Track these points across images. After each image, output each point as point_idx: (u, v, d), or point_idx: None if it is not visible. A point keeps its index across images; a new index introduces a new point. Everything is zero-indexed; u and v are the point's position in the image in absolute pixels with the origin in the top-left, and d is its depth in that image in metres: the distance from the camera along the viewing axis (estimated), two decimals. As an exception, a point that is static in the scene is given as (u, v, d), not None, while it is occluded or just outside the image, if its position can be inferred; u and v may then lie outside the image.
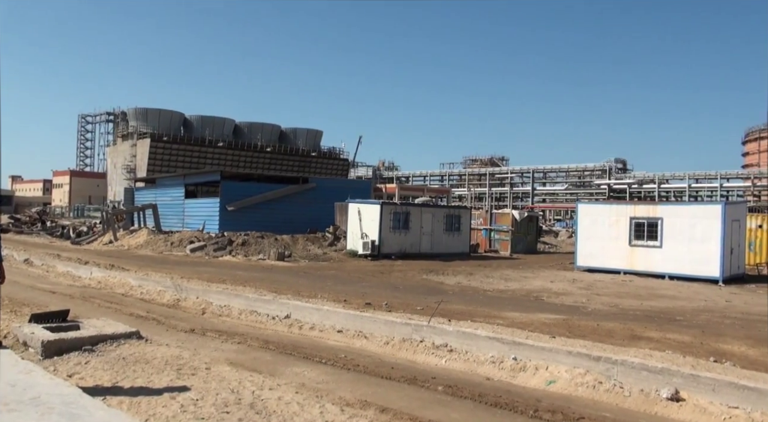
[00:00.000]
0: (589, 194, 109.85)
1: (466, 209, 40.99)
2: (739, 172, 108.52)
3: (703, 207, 29.25)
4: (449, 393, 8.38)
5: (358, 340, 11.91)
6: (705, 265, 23.63)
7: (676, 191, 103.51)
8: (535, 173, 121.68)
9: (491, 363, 9.99)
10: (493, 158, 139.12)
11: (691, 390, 8.36)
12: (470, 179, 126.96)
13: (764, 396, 7.87)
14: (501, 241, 38.75)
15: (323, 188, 45.40)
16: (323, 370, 9.32)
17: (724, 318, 15.06)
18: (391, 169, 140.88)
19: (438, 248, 32.86)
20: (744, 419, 7.74)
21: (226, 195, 40.59)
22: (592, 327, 12.51)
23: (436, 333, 11.12)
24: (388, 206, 32.41)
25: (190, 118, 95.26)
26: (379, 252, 30.00)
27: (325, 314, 13.18)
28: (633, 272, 25.03)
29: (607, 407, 8.32)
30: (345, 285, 18.78)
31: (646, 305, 16.85)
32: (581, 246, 27.05)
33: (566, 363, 9.45)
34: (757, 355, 10.45)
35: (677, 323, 13.88)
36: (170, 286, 17.66)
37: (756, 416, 7.71)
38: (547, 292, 19.03)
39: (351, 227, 31.73)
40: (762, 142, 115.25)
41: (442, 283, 20.80)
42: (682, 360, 9.50)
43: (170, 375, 8.12)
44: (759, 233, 30.84)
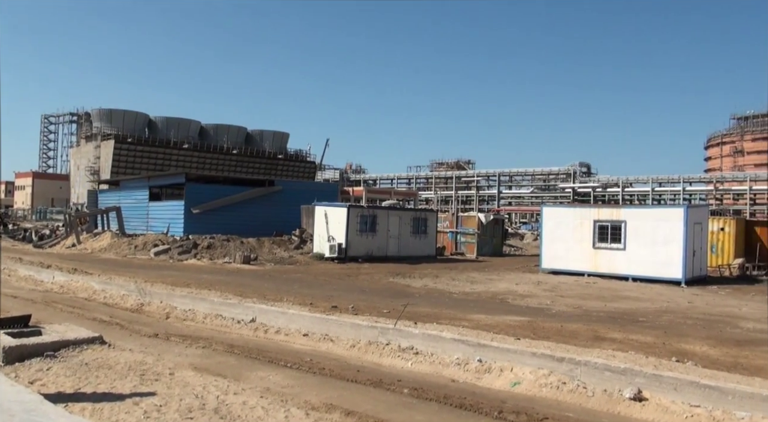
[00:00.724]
0: (554, 198, 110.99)
1: (433, 212, 41.13)
2: (702, 176, 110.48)
3: (666, 210, 29.76)
4: (415, 395, 8.41)
5: (324, 343, 11.88)
6: (668, 267, 23.98)
7: (640, 194, 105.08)
8: (501, 176, 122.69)
9: (457, 365, 10.04)
10: (460, 161, 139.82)
11: (654, 390, 8.48)
12: (437, 182, 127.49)
13: (725, 395, 8.02)
14: (467, 244, 38.90)
15: (290, 190, 45.17)
16: (288, 374, 9.29)
17: (687, 318, 15.31)
18: (359, 172, 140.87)
19: (405, 251, 32.89)
20: (706, 417, 7.88)
21: (191, 198, 40.17)
22: (556, 328, 12.63)
23: (402, 336, 11.15)
24: (355, 209, 32.38)
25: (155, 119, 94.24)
26: (346, 255, 29.94)
27: (290, 318, 13.13)
28: (597, 274, 25.31)
29: (571, 407, 8.41)
30: (311, 288, 18.72)
31: (609, 306, 17.06)
32: (546, 249, 27.29)
33: (531, 365, 9.53)
34: (719, 355, 10.64)
35: (640, 324, 14.07)
36: (134, 290, 17.45)
37: (717, 414, 7.85)
38: (513, 294, 19.16)
39: (318, 230, 31.62)
40: (724, 147, 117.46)
41: (408, 286, 20.83)
42: (645, 360, 9.64)
43: (133, 381, 8.01)
44: (721, 236, 31.40)
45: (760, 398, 7.86)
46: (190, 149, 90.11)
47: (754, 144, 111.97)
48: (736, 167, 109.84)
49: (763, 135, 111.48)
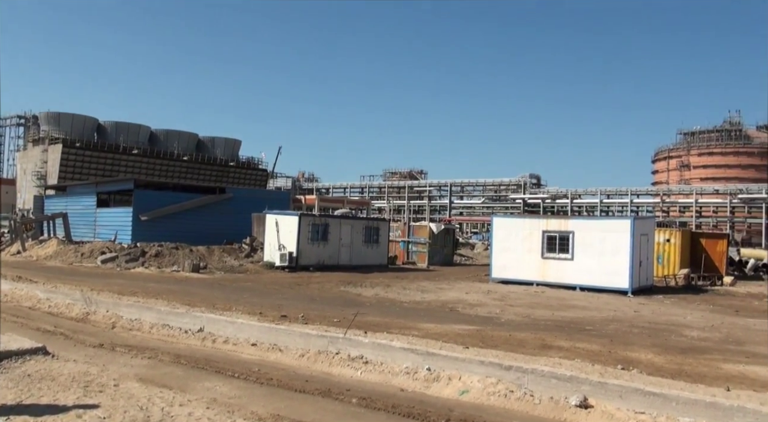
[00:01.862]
0: (504, 208, 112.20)
1: (385, 221, 41.21)
2: (649, 189, 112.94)
3: (613, 222, 30.33)
4: (363, 404, 8.38)
5: (273, 353, 11.77)
6: (615, 277, 24.44)
7: (589, 206, 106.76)
8: (453, 186, 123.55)
9: (406, 374, 10.04)
10: (413, 171, 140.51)
11: (600, 397, 8.61)
12: (390, 191, 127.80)
13: (669, 401, 8.19)
14: (419, 253, 39.08)
15: (241, 198, 44.79)
16: (236, 385, 9.17)
17: (632, 327, 15.61)
18: (311, 180, 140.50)
19: (357, 260, 32.87)
20: (650, 423, 8.03)
21: (139, 204, 39.50)
22: (504, 337, 12.74)
23: (352, 345, 11.11)
24: (307, 218, 32.27)
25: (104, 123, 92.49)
26: (297, 264, 29.78)
27: (239, 327, 12.99)
28: (546, 283, 25.64)
29: (518, 415, 8.48)
30: (261, 297, 18.56)
31: (557, 315, 17.29)
32: (496, 258, 27.55)
33: (479, 373, 9.58)
34: (663, 362, 10.86)
35: (587, 332, 14.29)
36: (80, 299, 17.07)
37: (661, 420, 8.00)
38: (462, 303, 19.28)
39: (268, 239, 31.40)
40: (671, 161, 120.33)
41: (359, 295, 20.81)
42: (591, 368, 9.79)
43: (77, 393, 7.84)
44: (667, 247, 32.15)
45: (704, 404, 8.04)
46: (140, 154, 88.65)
47: (699, 159, 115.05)
48: (682, 181, 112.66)
49: (709, 150, 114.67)
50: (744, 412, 7.81)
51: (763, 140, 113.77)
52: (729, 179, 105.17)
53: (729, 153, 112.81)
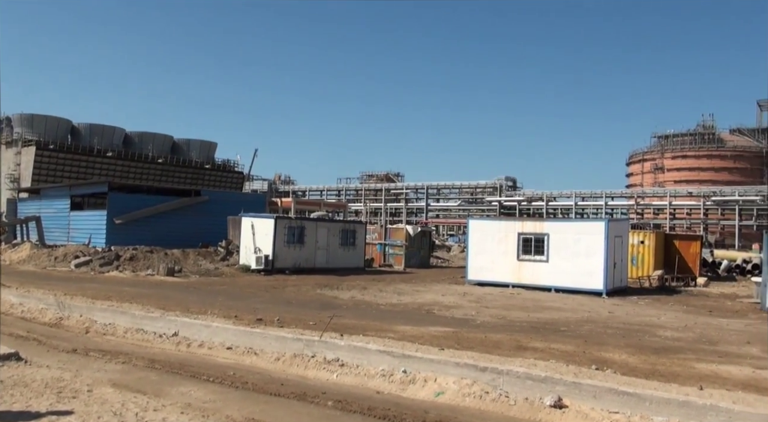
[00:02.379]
0: (480, 211, 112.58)
1: (362, 223, 41.20)
2: (623, 191, 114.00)
3: (588, 224, 30.59)
4: (339, 407, 8.37)
5: (248, 357, 11.72)
6: (589, 278, 24.63)
7: (564, 208, 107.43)
8: (430, 189, 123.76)
9: (382, 377, 10.04)
10: (390, 174, 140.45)
11: (574, 397, 8.69)
12: (367, 194, 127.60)
13: (643, 401, 8.29)
14: (395, 255, 39.13)
15: (216, 201, 44.49)
16: (211, 389, 9.13)
17: (607, 328, 15.74)
18: (288, 183, 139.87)
19: (333, 263, 32.83)
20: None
21: (114, 207, 39.09)
22: (480, 338, 12.78)
23: (328, 348, 11.09)
24: (283, 221, 32.17)
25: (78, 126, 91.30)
26: (273, 267, 29.69)
27: (214, 331, 12.91)
28: (521, 285, 25.77)
29: (493, 416, 8.51)
30: (236, 301, 18.47)
31: (532, 316, 17.38)
32: (472, 261, 27.66)
33: (454, 375, 9.62)
34: (637, 362, 10.96)
35: (562, 333, 14.38)
36: (53, 304, 16.88)
37: (635, 420, 8.10)
38: (439, 305, 19.32)
39: (244, 242, 31.26)
40: (645, 164, 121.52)
41: (336, 297, 20.78)
42: (566, 368, 9.86)
43: (50, 399, 7.77)
44: (641, 249, 32.49)
45: (677, 403, 8.15)
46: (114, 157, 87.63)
47: (673, 162, 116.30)
48: (656, 183, 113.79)
49: (683, 153, 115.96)
50: (717, 411, 7.91)
51: (735, 144, 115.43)
52: (702, 182, 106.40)
53: (702, 156, 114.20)
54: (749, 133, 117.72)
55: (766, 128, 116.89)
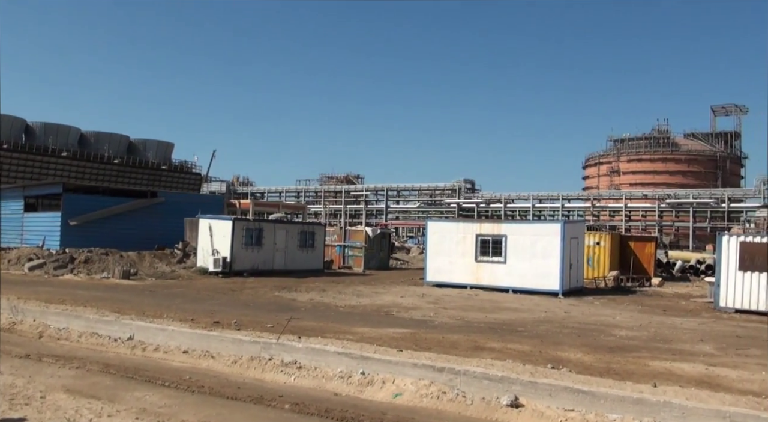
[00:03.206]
0: (440, 212, 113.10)
1: (321, 225, 41.11)
2: (580, 194, 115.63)
3: (544, 225, 30.95)
4: (296, 410, 8.33)
5: (205, 360, 11.60)
6: (546, 279, 24.93)
7: (522, 210, 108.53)
8: (389, 191, 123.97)
9: (340, 378, 10.03)
10: (349, 175, 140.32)
11: (530, 396, 8.79)
12: (326, 195, 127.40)
13: (598, 399, 8.43)
14: (354, 257, 39.12)
15: (173, 202, 43.94)
16: (166, 393, 9.01)
17: (563, 327, 15.94)
18: (246, 184, 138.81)
19: (292, 265, 32.69)
20: (579, 421, 8.23)
21: (68, 209, 38.33)
22: (438, 339, 12.83)
23: (286, 351, 11.03)
24: (241, 222, 31.93)
25: (32, 125, 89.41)
26: (231, 269, 29.45)
27: (170, 335, 12.75)
28: (479, 286, 25.96)
29: (451, 416, 8.55)
30: (193, 304, 18.27)
31: (490, 317, 17.52)
32: (431, 262, 27.78)
33: (412, 375, 9.64)
34: (592, 361, 11.13)
35: (519, 333, 14.52)
36: (5, 308, 16.46)
37: (590, 417, 8.22)
38: (397, 307, 19.36)
39: (201, 244, 30.95)
40: (601, 167, 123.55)
41: (294, 300, 20.69)
42: (522, 368, 9.96)
43: (2, 406, 7.67)
44: (597, 250, 32.97)
45: (631, 401, 8.30)
46: (70, 157, 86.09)
47: (629, 165, 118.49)
48: (612, 186, 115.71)
49: (638, 157, 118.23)
50: (670, 407, 8.08)
51: (690, 148, 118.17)
52: (657, 185, 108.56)
53: (657, 160, 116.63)
54: (703, 137, 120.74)
55: (720, 133, 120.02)
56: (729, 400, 8.59)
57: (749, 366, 11.40)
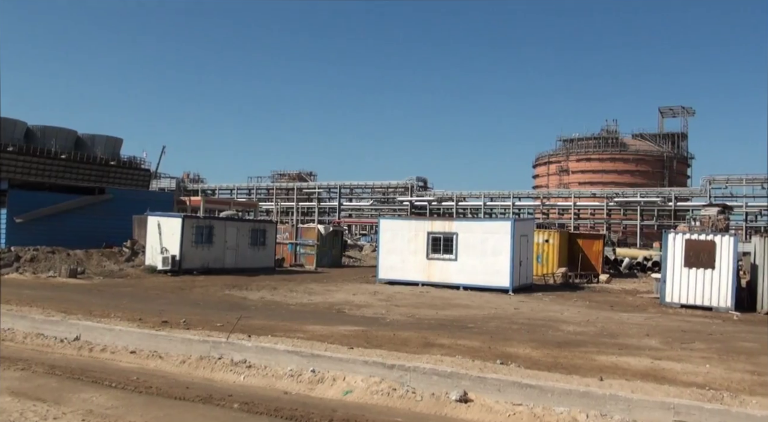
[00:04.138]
0: (392, 210, 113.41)
1: (272, 223, 40.86)
2: (530, 192, 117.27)
3: (495, 223, 31.33)
4: (245, 410, 8.28)
5: (153, 360, 11.45)
6: (496, 276, 25.23)
7: (473, 208, 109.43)
8: (342, 188, 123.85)
9: (290, 377, 10.01)
10: (302, 173, 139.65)
11: (479, 391, 8.91)
12: (278, 193, 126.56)
13: (545, 393, 8.60)
14: (306, 255, 38.98)
15: (122, 199, 43.24)
16: (114, 395, 8.88)
17: (512, 323, 16.16)
18: (197, 181, 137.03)
19: (243, 263, 32.42)
20: (527, 415, 8.37)
21: (14, 206, 37.38)
22: (389, 336, 12.89)
23: (235, 349, 10.97)
24: (190, 220, 31.54)
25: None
26: (180, 268, 29.08)
27: (117, 335, 12.55)
28: (431, 283, 26.13)
29: (400, 412, 8.61)
30: (141, 303, 18.00)
31: (441, 314, 17.66)
32: (383, 260, 27.86)
33: (363, 373, 9.68)
34: (540, 356, 11.32)
35: (469, 330, 14.67)
36: (-55, 309, 16.03)
37: (538, 411, 8.37)
38: (349, 304, 19.38)
39: (150, 242, 30.48)
40: (551, 166, 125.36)
41: (245, 298, 20.54)
42: (471, 363, 10.08)
43: (-58, 411, 7.42)
44: (546, 247, 33.47)
45: (577, 394, 8.49)
46: (15, 152, 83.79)
47: (578, 164, 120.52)
48: (561, 185, 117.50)
49: (587, 156, 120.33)
50: (616, 400, 8.28)
51: (638, 148, 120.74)
52: (606, 184, 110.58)
53: (606, 159, 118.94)
54: (651, 138, 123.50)
55: (667, 134, 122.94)
56: (674, 392, 8.84)
57: (694, 360, 11.73)
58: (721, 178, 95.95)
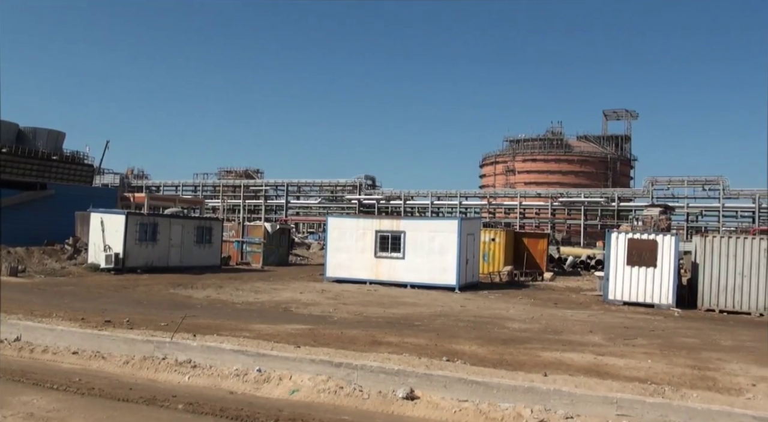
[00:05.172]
0: (341, 208, 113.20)
1: (218, 220, 40.38)
2: (477, 191, 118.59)
3: (442, 222, 31.59)
4: (190, 410, 8.20)
5: (96, 361, 11.22)
6: (443, 274, 25.43)
7: (421, 207, 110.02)
8: (290, 186, 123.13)
9: (236, 377, 9.93)
10: (249, 170, 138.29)
11: (425, 388, 9.00)
12: (225, 190, 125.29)
13: (491, 389, 8.75)
14: (253, 253, 38.65)
15: (64, 195, 42.26)
16: (55, 397, 8.69)
17: (459, 321, 16.32)
18: (141, 177, 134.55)
19: (188, 261, 31.98)
20: (473, 411, 8.47)
21: (-49, 202, 36.29)
22: (336, 335, 12.90)
23: (180, 349, 10.83)
24: (134, 217, 31.00)
25: None
26: (124, 266, 28.55)
27: (59, 335, 12.28)
28: (378, 281, 26.19)
29: (347, 410, 8.63)
30: (84, 302, 17.63)
31: (388, 312, 17.73)
32: (330, 258, 27.79)
33: (309, 371, 9.67)
34: (486, 353, 11.47)
35: (416, 327, 14.77)
36: None
37: (483, 407, 8.49)
38: (296, 303, 19.31)
39: (93, 239, 29.84)
40: (497, 166, 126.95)
41: (190, 297, 20.29)
42: (418, 361, 10.17)
43: None
44: (492, 246, 33.85)
45: (522, 390, 8.66)
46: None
47: (524, 164, 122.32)
48: (508, 185, 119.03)
49: (533, 157, 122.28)
50: (560, 395, 8.46)
51: (582, 150, 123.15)
52: (551, 184, 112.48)
53: (551, 160, 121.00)
54: (595, 140, 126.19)
55: (611, 136, 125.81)
56: (616, 387, 9.07)
57: (636, 355, 12.03)
58: (663, 179, 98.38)
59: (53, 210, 39.06)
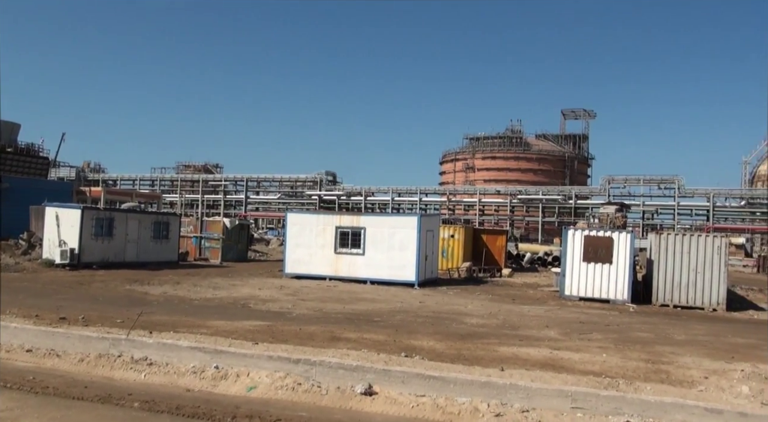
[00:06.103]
0: (301, 204, 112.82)
1: (176, 215, 39.95)
2: (437, 188, 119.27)
3: (401, 218, 31.69)
4: (146, 408, 8.13)
5: (50, 359, 11.01)
6: (402, 270, 25.53)
7: (381, 203, 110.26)
8: (249, 181, 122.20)
9: (193, 374, 9.86)
10: (207, 164, 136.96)
11: (384, 384, 9.06)
12: (183, 185, 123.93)
13: (448, 384, 8.84)
14: (211, 249, 38.32)
15: (18, 189, 41.44)
16: (8, 396, 8.54)
17: (417, 317, 16.41)
18: (98, 171, 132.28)
19: (145, 257, 31.58)
20: (430, 405, 8.55)
21: None
22: (295, 331, 12.89)
23: (136, 347, 10.71)
24: (90, 211, 30.49)
25: None
26: (79, 261, 28.08)
27: (12, 333, 12.02)
28: (338, 278, 26.18)
29: (305, 406, 8.63)
30: (38, 299, 17.29)
31: (348, 308, 17.75)
32: (290, 254, 27.69)
33: (267, 368, 9.65)
34: (444, 348, 11.58)
35: (375, 323, 14.82)
36: None
37: (441, 401, 8.58)
38: (255, 299, 19.21)
39: (48, 234, 29.31)
40: (457, 163, 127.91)
41: (146, 293, 20.05)
42: (377, 356, 10.22)
43: None
44: (451, 242, 34.04)
45: (479, 384, 8.77)
46: None
47: (483, 162, 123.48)
48: (467, 182, 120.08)
49: (492, 155, 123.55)
50: (516, 389, 8.59)
51: (541, 148, 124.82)
52: (510, 182, 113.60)
53: (510, 158, 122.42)
54: (553, 138, 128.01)
55: (569, 135, 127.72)
56: (571, 380, 9.24)
57: (591, 349, 12.25)
58: (620, 178, 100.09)
59: (7, 204, 38.29)
